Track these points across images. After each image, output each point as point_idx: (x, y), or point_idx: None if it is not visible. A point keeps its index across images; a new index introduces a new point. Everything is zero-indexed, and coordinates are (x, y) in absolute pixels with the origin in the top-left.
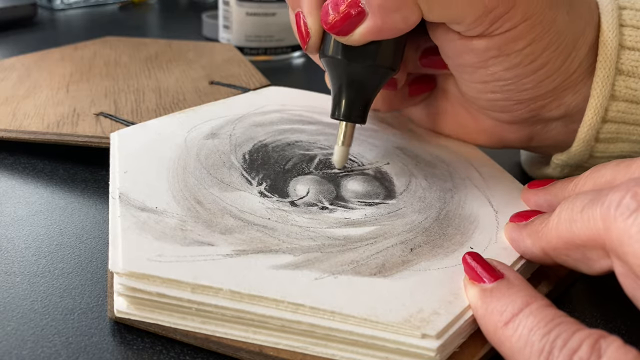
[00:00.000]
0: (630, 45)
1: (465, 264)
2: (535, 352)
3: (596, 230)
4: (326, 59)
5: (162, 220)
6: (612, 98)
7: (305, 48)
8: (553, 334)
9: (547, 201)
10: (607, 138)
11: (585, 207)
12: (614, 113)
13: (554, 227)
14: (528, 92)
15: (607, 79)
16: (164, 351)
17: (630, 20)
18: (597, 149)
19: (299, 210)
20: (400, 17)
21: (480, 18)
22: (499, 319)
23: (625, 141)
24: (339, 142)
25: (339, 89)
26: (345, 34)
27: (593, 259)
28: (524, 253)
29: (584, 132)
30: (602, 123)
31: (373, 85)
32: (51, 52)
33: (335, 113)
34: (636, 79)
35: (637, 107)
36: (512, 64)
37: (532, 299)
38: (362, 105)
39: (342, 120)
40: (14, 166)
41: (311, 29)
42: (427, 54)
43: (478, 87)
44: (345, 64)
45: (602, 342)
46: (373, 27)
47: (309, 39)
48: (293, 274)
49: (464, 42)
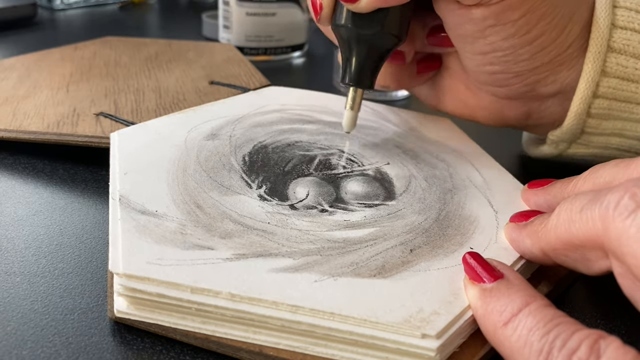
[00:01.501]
0: (622, 25)
1: (465, 264)
2: (534, 353)
3: (595, 231)
4: (337, 27)
5: (162, 224)
6: (603, 74)
7: (318, 19)
8: (552, 334)
9: (546, 201)
10: (599, 114)
11: (584, 207)
12: (605, 89)
13: (552, 228)
14: (524, 63)
15: (598, 55)
16: (164, 351)
17: (623, 2)
18: (589, 125)
19: (298, 214)
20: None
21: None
22: (499, 319)
23: (616, 118)
24: (348, 106)
25: (348, 55)
26: (354, 1)
27: (592, 260)
28: (524, 253)
29: (575, 106)
30: (593, 98)
31: (380, 52)
32: (51, 52)
33: (346, 78)
34: (627, 57)
35: (628, 84)
36: (509, 34)
37: (532, 299)
38: (370, 71)
39: (351, 85)
40: (14, 166)
41: (323, 0)
42: (433, 32)
43: (478, 59)
44: (354, 32)
45: (601, 342)
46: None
47: (321, 10)
48: (292, 276)
49: (464, 12)
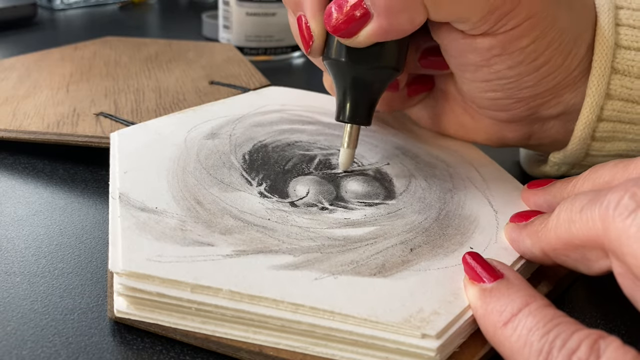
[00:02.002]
0: (626, 45)
1: (465, 264)
2: (534, 353)
3: (595, 231)
4: (329, 61)
5: (162, 221)
6: (607, 97)
7: (309, 52)
8: (552, 334)
9: (546, 201)
10: (603, 137)
11: (584, 207)
12: (610, 112)
13: (552, 228)
14: (529, 89)
15: (602, 77)
16: (164, 351)
17: (626, 20)
18: (593, 148)
19: (298, 211)
20: (406, 18)
21: (485, 17)
22: (499, 319)
23: (621, 140)
24: (344, 144)
25: (344, 91)
26: (350, 36)
27: (592, 260)
28: (524, 253)
29: (579, 131)
30: (597, 122)
31: (378, 86)
32: (51, 52)
33: (340, 116)
34: (632, 78)
35: (633, 106)
36: (515, 62)
37: (532, 299)
38: (367, 107)
39: (347, 122)
40: (14, 166)
41: (314, 32)
42: (426, 55)
43: (480, 86)
44: (349, 66)
45: (601, 342)
46: (379, 28)
47: (312, 42)
48: (293, 274)
49: (468, 41)
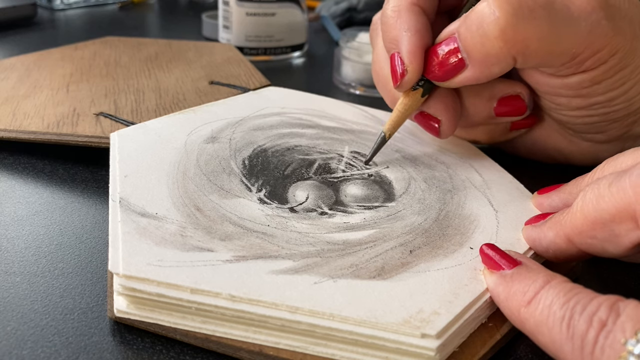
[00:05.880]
0: None
1: (482, 255)
2: (557, 320)
3: (627, 200)
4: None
5: (162, 226)
6: None
7: (398, 85)
8: (572, 301)
9: (562, 200)
10: None
11: (613, 182)
12: None
13: (579, 209)
14: (621, 110)
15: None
16: (164, 351)
17: None
18: None
19: (298, 216)
20: (498, 69)
21: (568, 63)
22: (522, 299)
23: None
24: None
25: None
26: (444, 80)
27: (621, 235)
28: (548, 248)
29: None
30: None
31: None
32: (51, 52)
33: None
34: None
35: None
36: (605, 89)
37: (552, 277)
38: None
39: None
40: (14, 166)
41: (409, 71)
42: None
43: (575, 114)
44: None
45: (620, 303)
46: (472, 77)
47: (402, 78)
48: (292, 278)
49: (557, 80)
